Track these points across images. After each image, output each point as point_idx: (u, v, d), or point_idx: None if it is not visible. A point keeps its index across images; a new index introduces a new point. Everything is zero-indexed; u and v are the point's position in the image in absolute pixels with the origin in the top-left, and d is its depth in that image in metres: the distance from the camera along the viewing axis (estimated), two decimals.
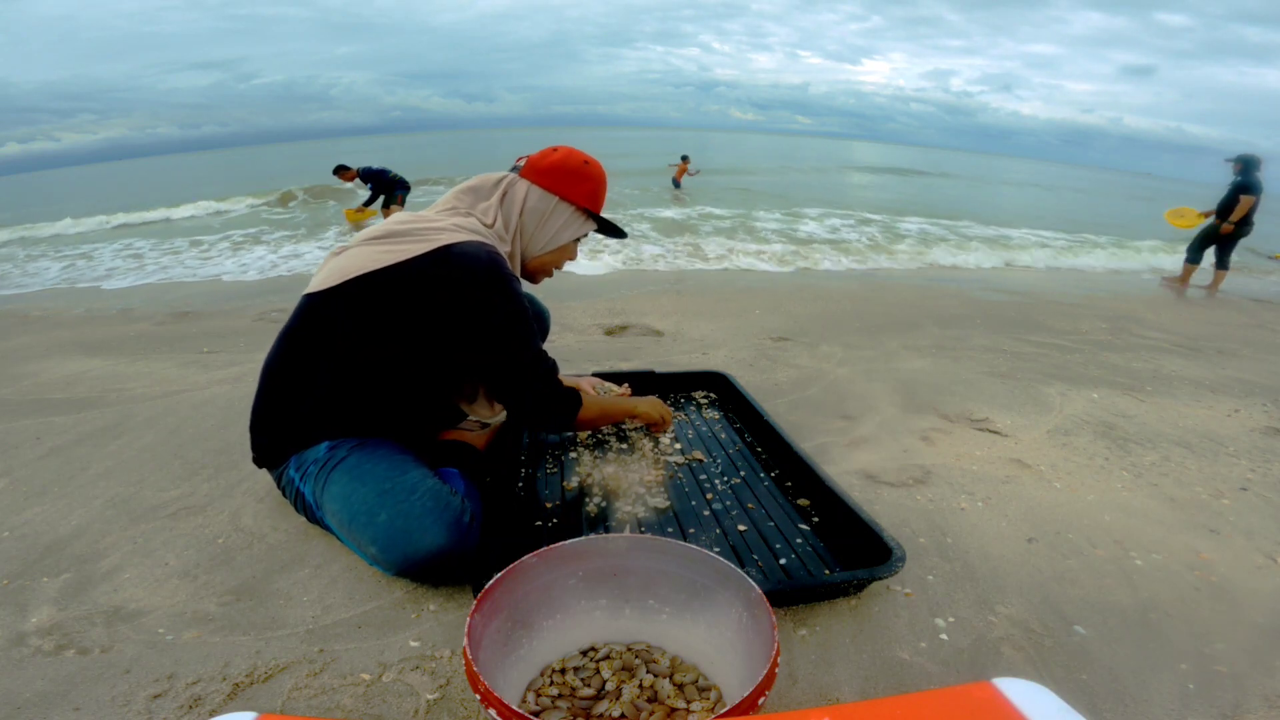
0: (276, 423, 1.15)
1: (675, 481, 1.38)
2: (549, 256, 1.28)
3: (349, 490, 1.07)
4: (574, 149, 1.27)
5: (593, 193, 1.26)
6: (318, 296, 1.11)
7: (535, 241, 1.25)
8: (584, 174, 1.24)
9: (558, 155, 1.24)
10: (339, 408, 1.13)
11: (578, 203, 1.24)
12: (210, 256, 5.80)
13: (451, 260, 1.06)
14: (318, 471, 1.11)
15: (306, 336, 1.12)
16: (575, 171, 1.23)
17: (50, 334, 2.96)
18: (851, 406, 1.96)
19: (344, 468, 1.10)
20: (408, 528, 1.01)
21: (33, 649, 0.93)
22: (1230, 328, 3.56)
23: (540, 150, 1.27)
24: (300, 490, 1.15)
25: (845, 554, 1.12)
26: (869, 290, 4.14)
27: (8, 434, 1.72)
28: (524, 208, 1.22)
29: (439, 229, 1.11)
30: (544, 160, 1.24)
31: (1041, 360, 2.59)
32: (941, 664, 0.93)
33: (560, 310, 3.12)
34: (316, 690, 0.86)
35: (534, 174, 1.23)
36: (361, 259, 1.08)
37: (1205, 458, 1.70)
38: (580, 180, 1.24)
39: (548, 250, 1.26)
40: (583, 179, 1.24)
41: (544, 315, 1.73)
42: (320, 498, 1.11)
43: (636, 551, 0.91)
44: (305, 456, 1.13)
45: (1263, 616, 1.07)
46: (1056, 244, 7.32)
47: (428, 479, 1.08)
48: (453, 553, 1.02)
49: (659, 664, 0.85)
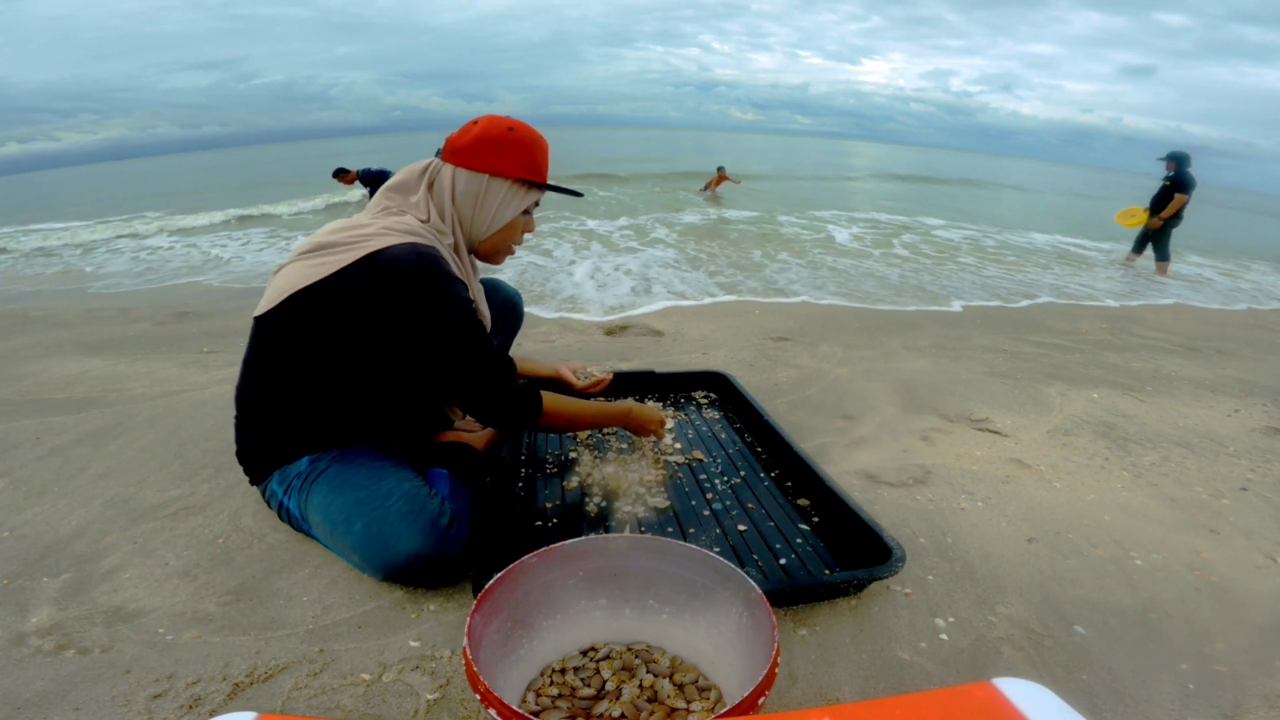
0: (256, 444, 1.15)
1: (675, 481, 1.38)
2: (498, 237, 1.20)
3: (328, 501, 1.07)
4: (496, 116, 1.16)
5: (526, 159, 1.15)
6: (264, 318, 1.08)
7: (477, 225, 1.17)
8: (509, 141, 1.13)
9: (477, 129, 1.13)
10: (311, 423, 1.11)
11: (511, 175, 1.14)
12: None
13: (379, 267, 1.01)
14: (300, 485, 1.11)
15: (262, 360, 1.09)
16: (499, 141, 1.12)
17: (50, 334, 2.96)
18: (851, 406, 1.96)
19: (324, 479, 1.09)
20: (383, 534, 1.01)
21: (33, 649, 0.93)
22: (1230, 328, 3.57)
23: (461, 127, 1.16)
24: (285, 505, 1.14)
25: (845, 554, 1.12)
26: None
27: (8, 434, 1.72)
28: (455, 193, 1.14)
29: (367, 235, 1.05)
30: (464, 138, 1.13)
31: (1041, 360, 2.59)
32: (941, 664, 0.93)
33: (561, 309, 3.12)
34: (316, 690, 0.86)
35: (456, 155, 1.13)
36: (295, 276, 1.05)
37: (1205, 458, 1.70)
38: (507, 149, 1.13)
39: (493, 231, 1.18)
40: (510, 147, 1.13)
41: (513, 302, 1.66)
42: (304, 510, 1.11)
43: (636, 551, 0.91)
44: (288, 471, 1.12)
45: (1263, 616, 1.07)
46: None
47: (405, 483, 1.07)
48: (431, 555, 1.01)
49: (659, 664, 0.85)
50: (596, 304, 3.48)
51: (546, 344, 2.61)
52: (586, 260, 4.89)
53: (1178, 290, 4.89)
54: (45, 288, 4.67)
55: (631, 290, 3.87)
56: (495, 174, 1.13)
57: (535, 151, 1.16)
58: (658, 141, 40.79)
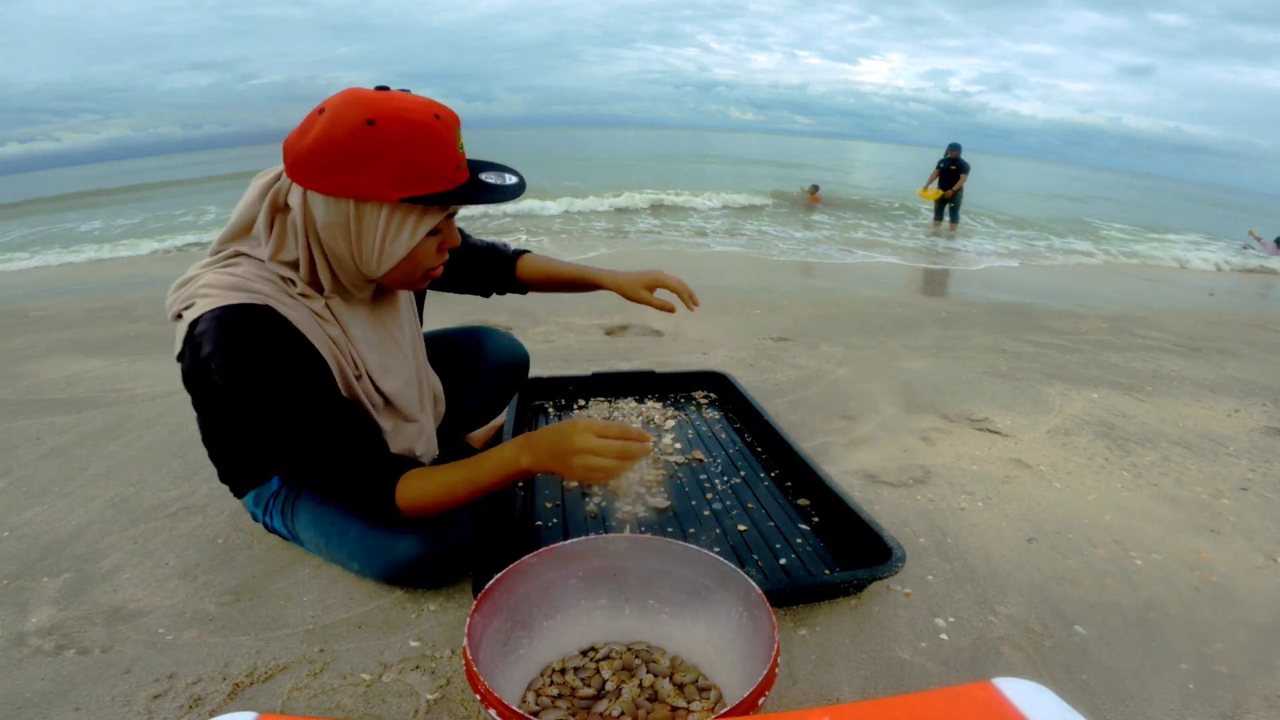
0: (221, 465, 1.09)
1: (675, 481, 1.38)
2: (399, 270, 0.88)
3: (318, 514, 1.04)
4: (351, 96, 0.78)
5: (403, 168, 0.77)
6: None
7: (364, 261, 0.85)
8: (370, 146, 0.76)
9: (318, 127, 0.76)
10: (256, 457, 1.05)
11: (385, 196, 0.79)
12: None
13: (195, 343, 0.83)
14: (280, 505, 1.08)
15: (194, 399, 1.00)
16: (355, 147, 0.76)
17: (50, 334, 2.96)
18: (851, 406, 1.96)
19: (306, 495, 1.06)
20: (381, 536, 0.99)
21: (33, 649, 0.93)
22: (1230, 328, 3.56)
23: (299, 123, 0.80)
24: (269, 524, 1.12)
25: (845, 554, 1.12)
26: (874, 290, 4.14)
27: (8, 434, 1.72)
28: (312, 227, 0.83)
29: (189, 298, 0.85)
30: (302, 140, 0.78)
31: (1041, 360, 2.58)
32: (941, 664, 0.93)
33: (561, 310, 3.12)
34: (316, 690, 0.86)
35: (299, 172, 0.79)
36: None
37: (1205, 458, 1.70)
38: (369, 158, 0.76)
39: (391, 265, 0.86)
40: (373, 155, 0.76)
41: (513, 355, 1.38)
42: (293, 529, 1.08)
43: (636, 551, 0.91)
44: (262, 492, 1.09)
45: (1263, 616, 1.07)
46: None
47: None
48: (435, 554, 1.00)
49: (659, 664, 0.85)
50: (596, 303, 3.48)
51: (546, 344, 2.61)
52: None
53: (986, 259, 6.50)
54: (46, 287, 4.67)
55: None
56: (362, 198, 0.79)
57: (416, 150, 0.77)
58: (659, 141, 40.73)
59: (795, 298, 3.80)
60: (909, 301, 3.79)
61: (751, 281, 4.44)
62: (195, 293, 0.84)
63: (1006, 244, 7.97)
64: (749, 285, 4.25)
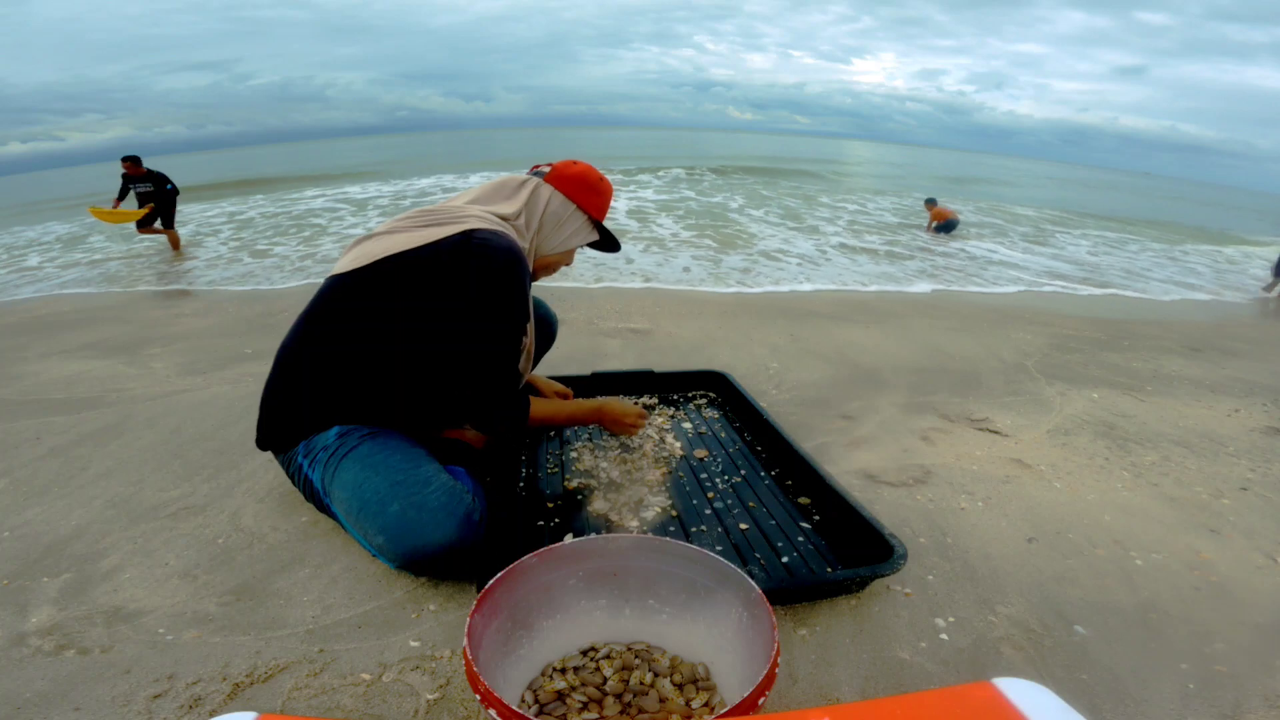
0: (288, 405, 1.16)
1: (676, 480, 1.38)
2: (556, 257, 1.33)
3: (361, 479, 1.08)
4: (591, 165, 1.37)
5: (604, 206, 1.36)
6: (342, 278, 1.14)
7: (548, 242, 1.30)
8: (600, 189, 1.34)
9: (579, 168, 1.34)
10: (352, 392, 1.14)
11: (590, 213, 1.33)
12: None
13: (472, 246, 1.10)
14: (327, 458, 1.12)
15: (327, 317, 1.14)
16: (594, 185, 1.33)
17: (50, 334, 2.96)
18: (851, 406, 1.96)
19: (355, 455, 1.11)
20: (420, 520, 1.02)
21: (33, 649, 0.93)
22: (1230, 327, 3.56)
23: (563, 160, 1.37)
24: (309, 476, 1.15)
25: (846, 552, 1.12)
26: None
27: (8, 434, 1.72)
28: (546, 210, 1.29)
29: (464, 216, 1.16)
30: (568, 170, 1.33)
31: (1042, 360, 2.58)
32: (941, 664, 0.93)
33: (561, 310, 3.12)
34: (316, 690, 0.86)
35: (558, 181, 1.31)
36: (389, 243, 1.12)
37: (1205, 458, 1.70)
38: (596, 193, 1.33)
39: (556, 251, 1.32)
40: (598, 193, 1.34)
41: (551, 320, 1.74)
42: (329, 485, 1.12)
43: (636, 551, 0.91)
44: (315, 442, 1.14)
45: (1263, 616, 1.07)
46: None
47: (442, 474, 1.10)
48: (462, 549, 1.03)
49: (659, 664, 0.85)
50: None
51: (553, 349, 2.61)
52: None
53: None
54: (45, 287, 4.67)
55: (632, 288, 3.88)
56: (581, 207, 1.32)
57: (608, 202, 1.38)
58: (659, 141, 40.71)
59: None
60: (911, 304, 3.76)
61: None
62: (473, 215, 1.17)
63: None
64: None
